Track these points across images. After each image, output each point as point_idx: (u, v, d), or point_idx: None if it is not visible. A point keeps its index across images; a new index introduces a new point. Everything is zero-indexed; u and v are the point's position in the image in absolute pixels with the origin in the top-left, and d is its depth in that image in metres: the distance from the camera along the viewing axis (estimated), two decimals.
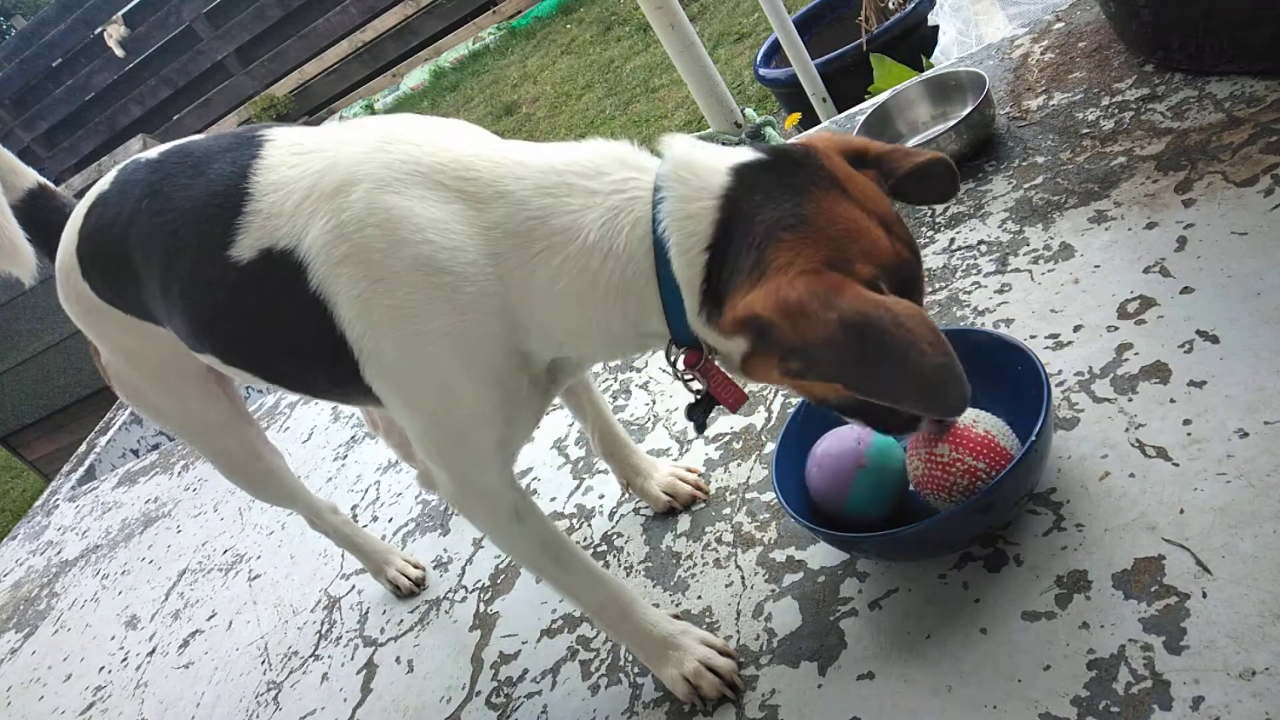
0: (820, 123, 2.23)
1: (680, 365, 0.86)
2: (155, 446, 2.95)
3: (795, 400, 1.26)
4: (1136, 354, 1.05)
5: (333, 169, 0.89)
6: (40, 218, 1.22)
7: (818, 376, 0.74)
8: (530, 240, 0.83)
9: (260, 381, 1.08)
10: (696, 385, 0.89)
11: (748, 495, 1.23)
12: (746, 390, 0.90)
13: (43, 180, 1.26)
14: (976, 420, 0.94)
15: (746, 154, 0.82)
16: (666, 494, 1.27)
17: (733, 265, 0.77)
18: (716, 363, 0.86)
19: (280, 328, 0.95)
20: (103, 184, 1.12)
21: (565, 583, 1.05)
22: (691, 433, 1.02)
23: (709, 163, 0.82)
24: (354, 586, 1.56)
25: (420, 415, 0.93)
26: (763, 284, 0.74)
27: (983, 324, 1.22)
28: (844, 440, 1.02)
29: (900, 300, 0.73)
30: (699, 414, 0.93)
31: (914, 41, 3.08)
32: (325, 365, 0.94)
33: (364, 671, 1.38)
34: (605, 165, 0.85)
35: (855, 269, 0.74)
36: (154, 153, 1.09)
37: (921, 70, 2.30)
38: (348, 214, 0.86)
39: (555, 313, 0.86)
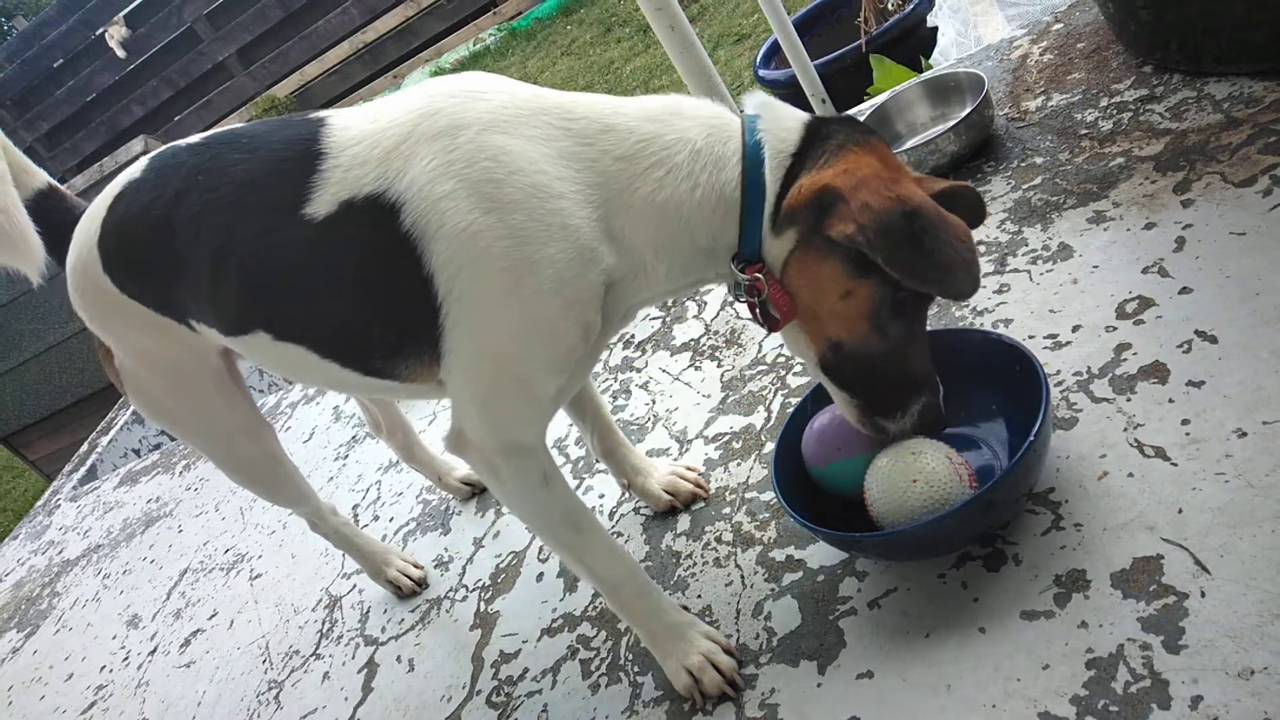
0: None
1: (742, 275, 0.96)
2: (157, 446, 2.96)
3: (795, 401, 1.26)
4: (1135, 354, 1.05)
5: (433, 116, 0.91)
6: (49, 218, 1.19)
7: (866, 244, 0.85)
8: (638, 159, 0.92)
9: (312, 359, 1.03)
10: (749, 300, 0.98)
11: (747, 495, 1.23)
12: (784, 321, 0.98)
13: (52, 181, 1.24)
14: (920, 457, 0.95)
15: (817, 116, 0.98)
16: (667, 493, 1.28)
17: (808, 168, 0.92)
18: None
19: (356, 280, 0.94)
20: (132, 172, 1.10)
21: (585, 554, 1.04)
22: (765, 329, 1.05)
23: (791, 112, 0.97)
24: (355, 585, 1.57)
25: (491, 360, 0.94)
26: (838, 164, 0.89)
27: (982, 324, 1.22)
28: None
29: (941, 208, 0.86)
30: (761, 314, 0.98)
31: (913, 43, 3.09)
32: (398, 317, 0.93)
33: (365, 670, 1.38)
34: (696, 105, 0.97)
35: (908, 181, 0.90)
36: (195, 138, 1.08)
37: (921, 71, 2.31)
38: (457, 153, 0.89)
39: (652, 225, 0.93)
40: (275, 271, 0.97)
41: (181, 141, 1.09)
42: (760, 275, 0.94)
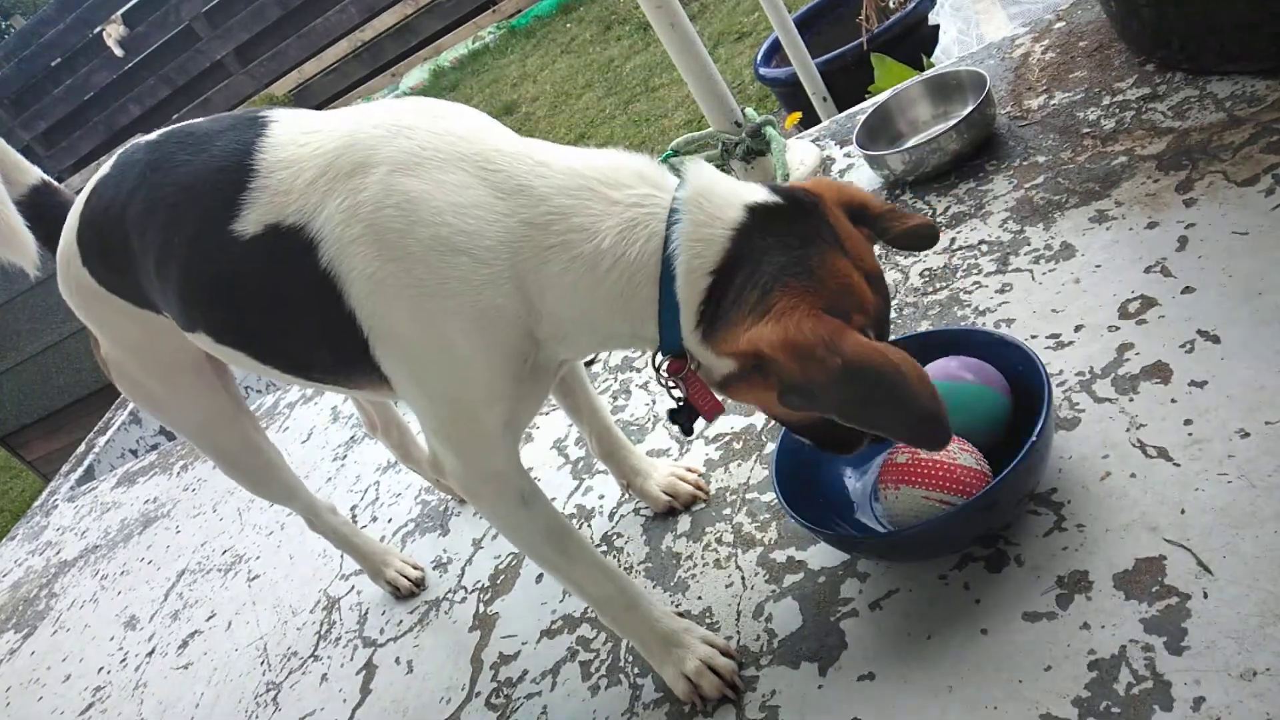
0: (821, 122, 2.23)
1: (664, 371, 0.92)
2: (154, 447, 2.95)
3: None
4: (1137, 354, 1.05)
5: (350, 150, 0.90)
6: (44, 214, 1.22)
7: (818, 409, 0.81)
8: (548, 232, 0.87)
9: (253, 363, 1.06)
10: (677, 392, 0.94)
11: (748, 495, 1.22)
12: (724, 403, 0.94)
13: (46, 177, 1.26)
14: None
15: (761, 193, 0.87)
16: (667, 494, 1.27)
17: (735, 296, 0.82)
18: (699, 374, 0.91)
19: (282, 303, 0.95)
20: (104, 168, 1.12)
21: (570, 573, 1.04)
22: (681, 434, 1.06)
23: (726, 195, 0.86)
24: (353, 587, 1.56)
25: (430, 395, 0.94)
26: (768, 322, 0.79)
27: (984, 324, 1.22)
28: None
29: (893, 348, 0.79)
30: (682, 418, 0.97)
31: (915, 41, 3.08)
32: (329, 341, 0.94)
33: (363, 672, 1.38)
34: (627, 178, 0.88)
35: (852, 319, 0.81)
36: (154, 134, 1.09)
37: (922, 69, 2.30)
38: (365, 194, 0.87)
39: (565, 303, 0.89)
40: (207, 280, 0.98)
41: (144, 137, 1.10)
42: (682, 378, 0.90)
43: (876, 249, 0.93)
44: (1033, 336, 1.15)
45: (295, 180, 0.91)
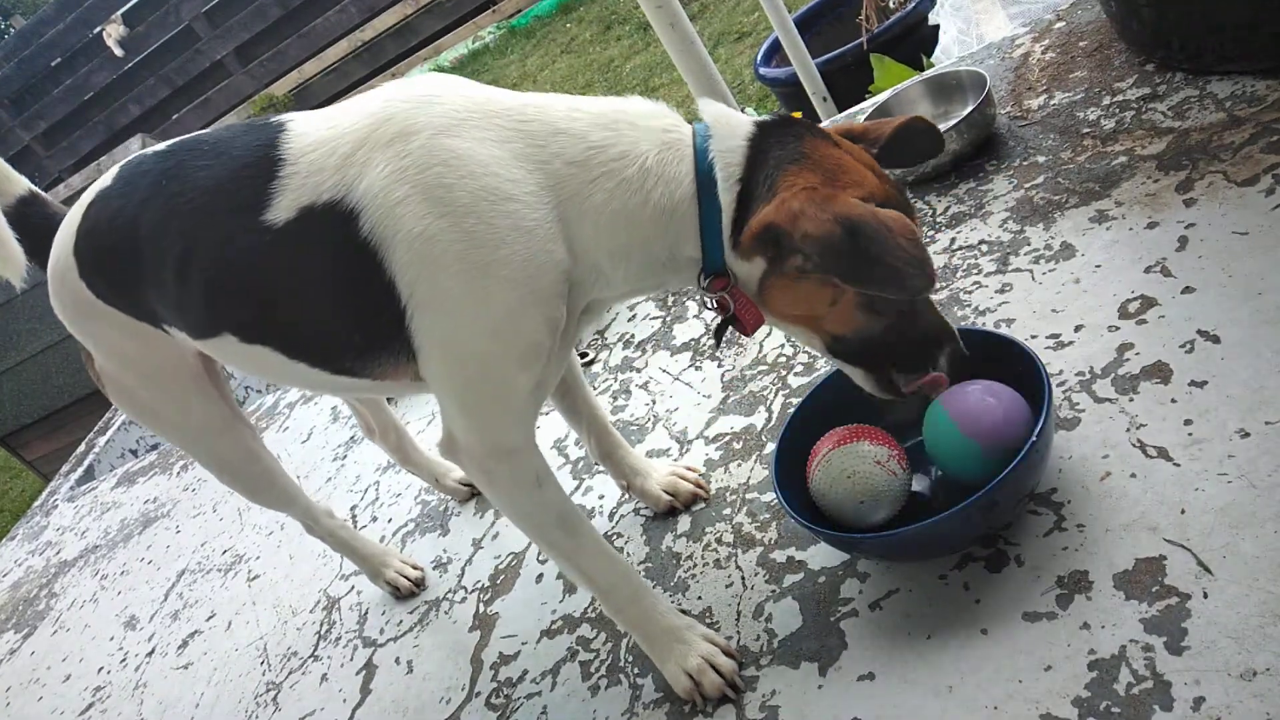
0: (821, 122, 2.23)
1: (709, 289, 0.97)
2: (154, 447, 2.95)
3: (795, 401, 1.26)
4: (1137, 354, 1.05)
5: (387, 122, 0.92)
6: (31, 225, 1.21)
7: (817, 269, 0.88)
8: (589, 166, 0.92)
9: (279, 359, 1.05)
10: (717, 316, 1.00)
11: (748, 495, 1.22)
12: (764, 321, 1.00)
13: (34, 187, 1.25)
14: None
15: (765, 117, 0.99)
16: (667, 493, 1.27)
17: (755, 195, 0.92)
18: (740, 288, 0.97)
19: (318, 284, 0.95)
20: (103, 180, 1.11)
21: (579, 559, 1.04)
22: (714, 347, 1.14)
23: (739, 118, 0.97)
24: (353, 587, 1.56)
25: (464, 358, 0.95)
26: (774, 199, 0.89)
27: (984, 324, 1.22)
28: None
29: (884, 209, 0.86)
30: (719, 332, 1.03)
31: (915, 41, 3.08)
32: (363, 320, 0.94)
33: (363, 672, 1.38)
34: (651, 110, 0.97)
35: (846, 189, 0.89)
36: (161, 146, 1.09)
37: (922, 69, 2.30)
38: (409, 159, 0.89)
39: (605, 233, 0.93)
40: (239, 276, 0.98)
41: (149, 149, 1.10)
42: (726, 293, 0.96)
43: None
44: (1033, 336, 1.15)
45: (329, 158, 0.93)
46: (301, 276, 0.95)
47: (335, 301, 0.95)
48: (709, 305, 0.99)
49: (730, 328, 1.00)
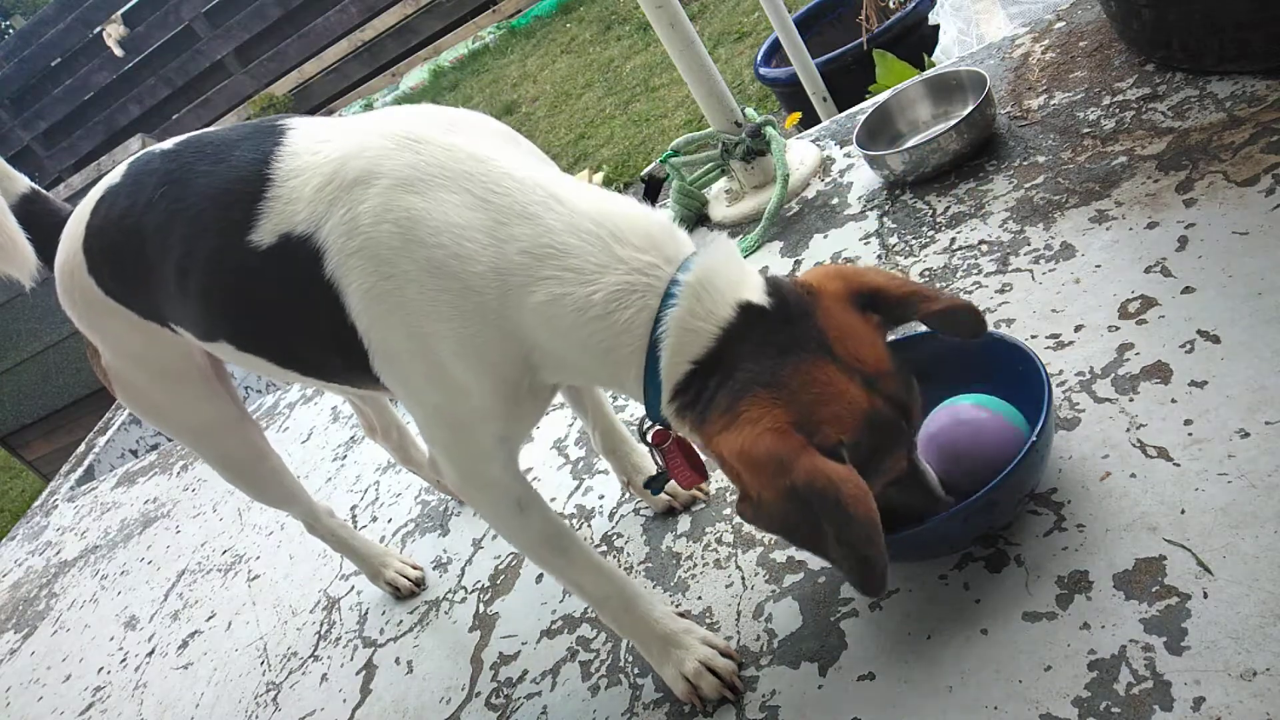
0: (821, 122, 2.23)
1: (649, 439, 0.98)
2: (154, 447, 2.95)
3: None
4: (1137, 354, 1.05)
5: (355, 159, 0.89)
6: (34, 222, 1.21)
7: (760, 524, 0.82)
8: (544, 263, 0.85)
9: (274, 368, 1.07)
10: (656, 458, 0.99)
11: None
12: (704, 468, 1.03)
13: (35, 185, 1.25)
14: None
15: (757, 292, 0.85)
16: (667, 493, 1.27)
17: (711, 393, 0.83)
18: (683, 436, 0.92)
19: (296, 312, 0.95)
20: (112, 177, 1.11)
21: (570, 575, 1.05)
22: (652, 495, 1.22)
23: (724, 290, 0.84)
24: (353, 587, 1.56)
25: (426, 407, 0.95)
26: (733, 430, 0.79)
27: None
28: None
29: (851, 479, 0.76)
30: (656, 485, 1.05)
31: (914, 41, 3.08)
32: (341, 347, 0.94)
33: (363, 672, 1.38)
34: (637, 238, 0.86)
35: (821, 433, 0.79)
36: (169, 144, 1.08)
37: (922, 69, 2.30)
38: (364, 206, 0.86)
39: (543, 332, 0.88)
40: (229, 290, 0.98)
41: (157, 146, 1.10)
42: (662, 450, 0.97)
43: (878, 251, 0.93)
44: (1033, 336, 1.15)
45: (304, 188, 0.91)
46: (283, 301, 0.95)
47: (311, 330, 0.95)
48: (647, 445, 0.98)
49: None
